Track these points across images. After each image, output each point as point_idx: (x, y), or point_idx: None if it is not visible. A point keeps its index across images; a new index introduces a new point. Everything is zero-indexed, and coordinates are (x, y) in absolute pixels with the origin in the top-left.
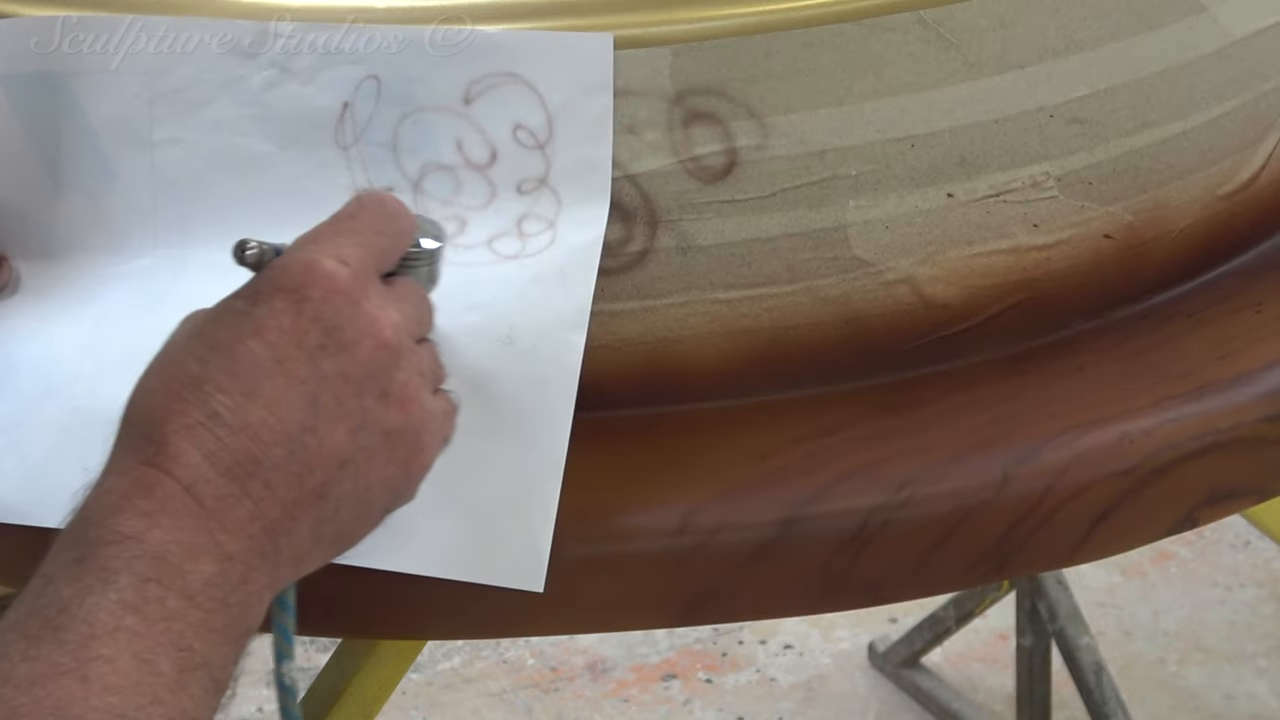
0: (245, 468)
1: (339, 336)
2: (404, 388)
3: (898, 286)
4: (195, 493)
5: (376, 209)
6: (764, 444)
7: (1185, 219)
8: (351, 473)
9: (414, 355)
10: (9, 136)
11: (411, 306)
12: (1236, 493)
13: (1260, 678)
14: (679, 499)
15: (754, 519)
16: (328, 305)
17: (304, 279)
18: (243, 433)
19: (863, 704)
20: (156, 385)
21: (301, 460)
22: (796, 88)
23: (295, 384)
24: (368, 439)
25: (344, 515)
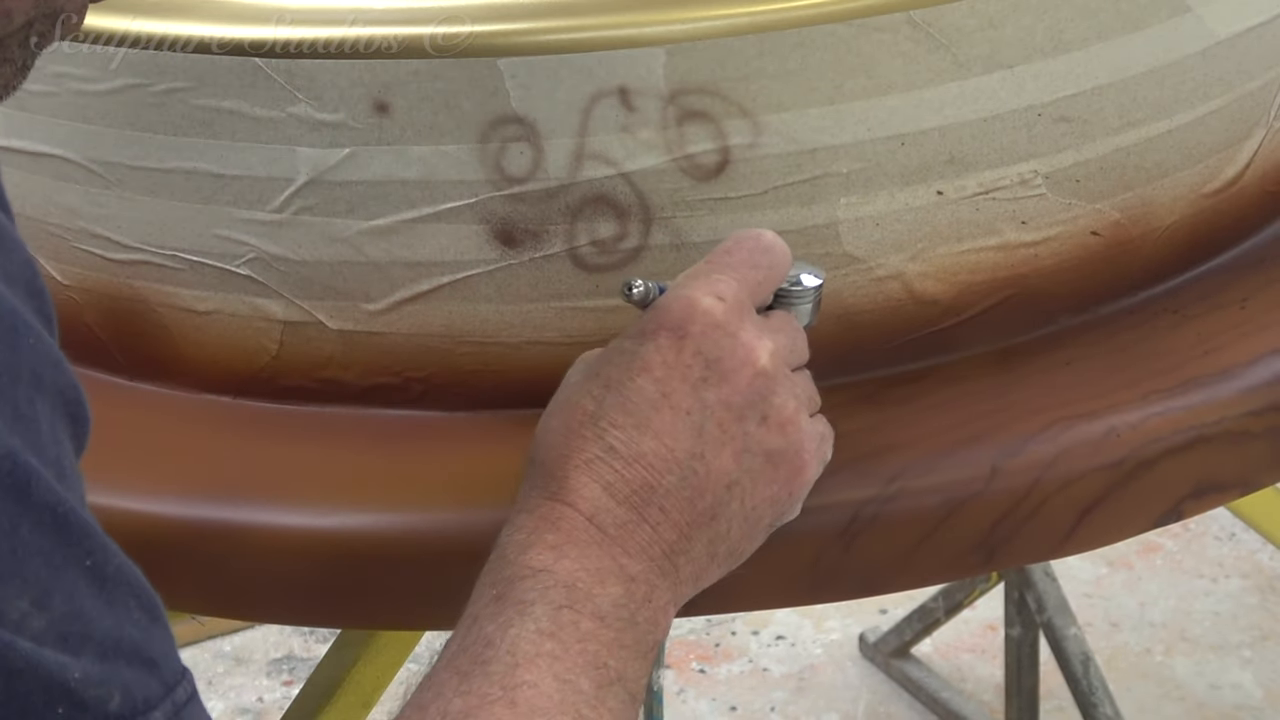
0: (641, 495)
1: (719, 368)
2: (781, 411)
3: (888, 283)
4: (597, 522)
5: (752, 244)
6: None
7: (1171, 216)
8: (739, 493)
9: (789, 381)
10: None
11: (785, 337)
12: (1222, 486)
13: (1245, 668)
14: None
15: None
16: (707, 339)
17: (684, 316)
18: (637, 463)
19: (854, 694)
20: (557, 424)
21: (692, 485)
22: (788, 87)
23: (682, 415)
24: (751, 461)
25: (735, 533)
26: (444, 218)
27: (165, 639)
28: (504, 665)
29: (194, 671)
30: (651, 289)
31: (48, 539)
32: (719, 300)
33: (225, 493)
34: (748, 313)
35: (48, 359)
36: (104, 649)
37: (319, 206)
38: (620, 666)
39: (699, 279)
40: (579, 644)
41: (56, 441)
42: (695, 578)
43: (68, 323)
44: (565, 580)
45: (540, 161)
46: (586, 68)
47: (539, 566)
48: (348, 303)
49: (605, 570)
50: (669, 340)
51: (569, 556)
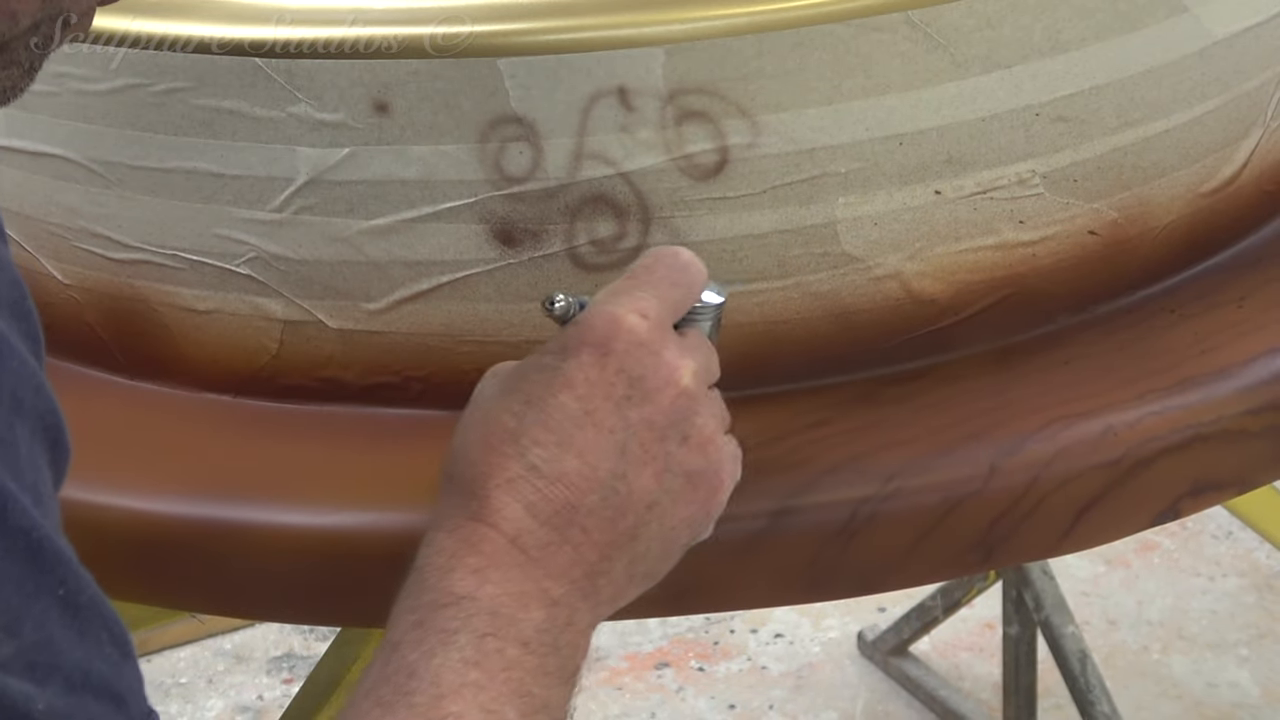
0: (564, 515)
1: (643, 386)
2: (702, 431)
3: (886, 282)
4: (520, 543)
5: (671, 261)
6: (754, 436)
7: (1169, 216)
8: (659, 514)
9: (709, 401)
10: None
11: (703, 355)
12: (1219, 484)
13: (1242, 666)
14: None
15: (745, 510)
16: (630, 357)
17: (608, 333)
18: (559, 482)
19: (852, 692)
20: (475, 439)
21: (614, 505)
22: (787, 87)
23: (605, 433)
24: (672, 481)
25: (653, 553)
26: (443, 217)
27: (134, 676)
28: (428, 696)
29: (194, 669)
30: (573, 304)
31: (20, 565)
32: (643, 318)
33: (225, 491)
34: (669, 331)
35: (29, 383)
36: (72, 681)
37: (319, 206)
38: (545, 694)
39: (622, 296)
40: (504, 673)
41: (35, 467)
42: (614, 598)
43: (69, 322)
44: (488, 607)
45: (540, 161)
46: (586, 68)
47: (461, 593)
48: (348, 302)
49: (528, 594)
50: (592, 357)
51: (491, 581)
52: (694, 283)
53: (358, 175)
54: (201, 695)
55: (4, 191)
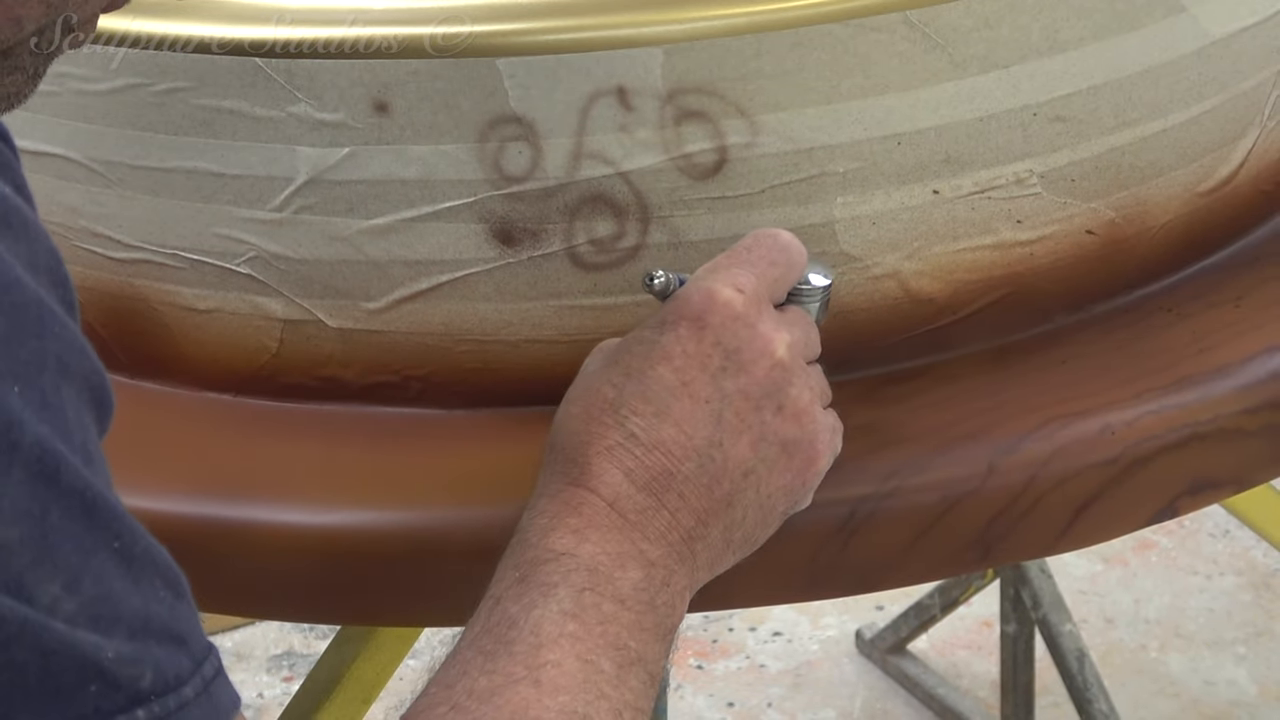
0: (661, 482)
1: (738, 358)
2: (797, 402)
3: (884, 281)
4: (618, 507)
5: (771, 242)
6: None
7: (1166, 215)
8: (754, 481)
9: (805, 374)
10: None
11: (801, 330)
12: (1216, 483)
13: (1239, 664)
14: None
15: None
16: (726, 330)
17: (704, 307)
18: (657, 450)
19: (850, 690)
20: (578, 411)
21: (710, 472)
22: (785, 86)
23: (701, 403)
24: (767, 450)
25: (750, 520)
26: (443, 217)
27: (191, 615)
28: (528, 645)
29: None
30: (672, 280)
31: (77, 524)
32: (738, 292)
33: (226, 490)
34: (765, 306)
35: (73, 346)
36: (134, 628)
37: (319, 205)
38: (640, 648)
39: (719, 272)
40: (600, 626)
41: (82, 426)
42: (711, 564)
43: None
44: (587, 564)
45: (539, 161)
46: (585, 68)
47: (561, 550)
48: (347, 301)
49: (626, 555)
50: (689, 330)
51: (590, 540)
52: (793, 262)
53: (357, 175)
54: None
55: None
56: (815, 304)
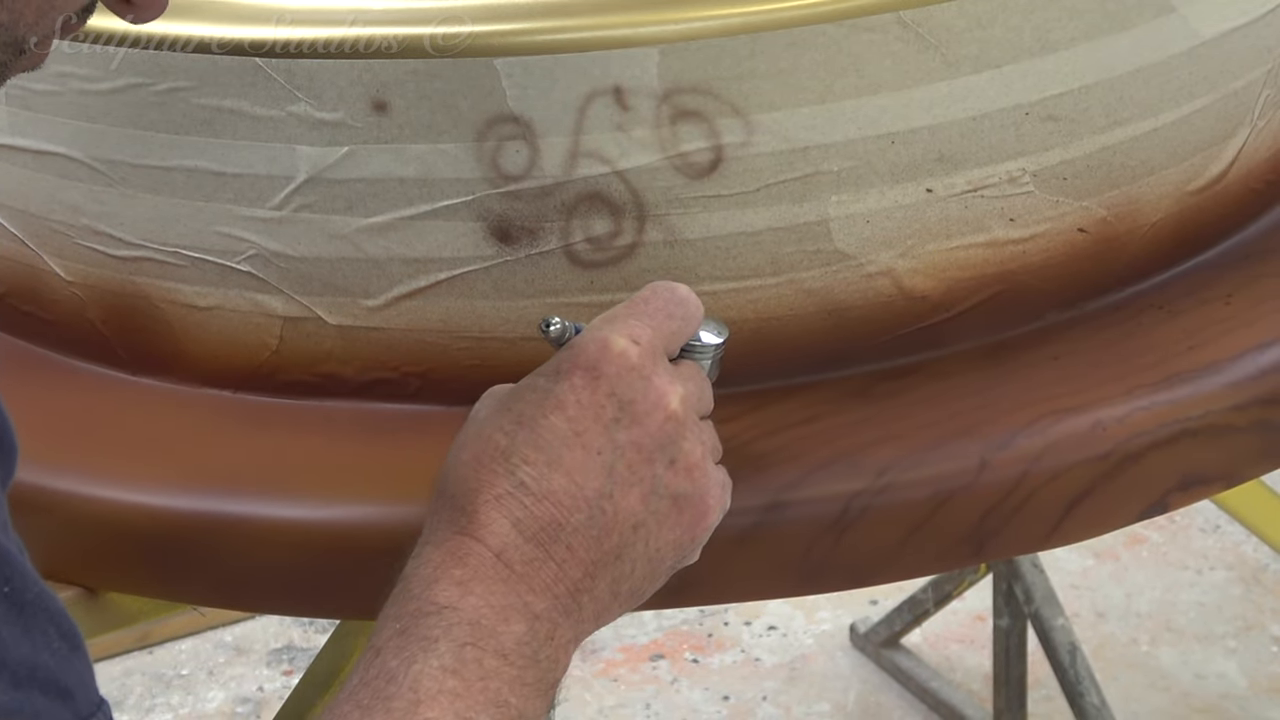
0: (549, 532)
1: (632, 410)
2: (690, 456)
3: (878, 279)
4: (505, 558)
5: (669, 295)
6: (748, 431)
7: (1157, 213)
8: (644, 535)
9: (698, 428)
10: None
11: (695, 385)
12: (1206, 478)
13: (1229, 658)
14: None
15: (739, 504)
16: (621, 381)
17: (599, 356)
18: (547, 500)
19: (844, 683)
20: (468, 458)
21: (600, 524)
22: (780, 86)
23: (593, 454)
24: (658, 503)
25: (638, 573)
26: (441, 215)
27: (84, 668)
28: (406, 701)
29: (195, 661)
30: (568, 328)
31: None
32: (634, 343)
33: (226, 486)
34: (661, 359)
35: None
36: (18, 676)
37: (318, 204)
38: (521, 704)
39: (616, 322)
40: (481, 682)
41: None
42: (597, 616)
43: (71, 318)
44: (470, 617)
45: (536, 160)
46: (581, 67)
47: (444, 603)
48: (347, 299)
49: (510, 607)
50: (584, 379)
51: (474, 593)
52: (690, 316)
53: (356, 173)
54: (202, 687)
55: (8, 189)
56: (708, 360)
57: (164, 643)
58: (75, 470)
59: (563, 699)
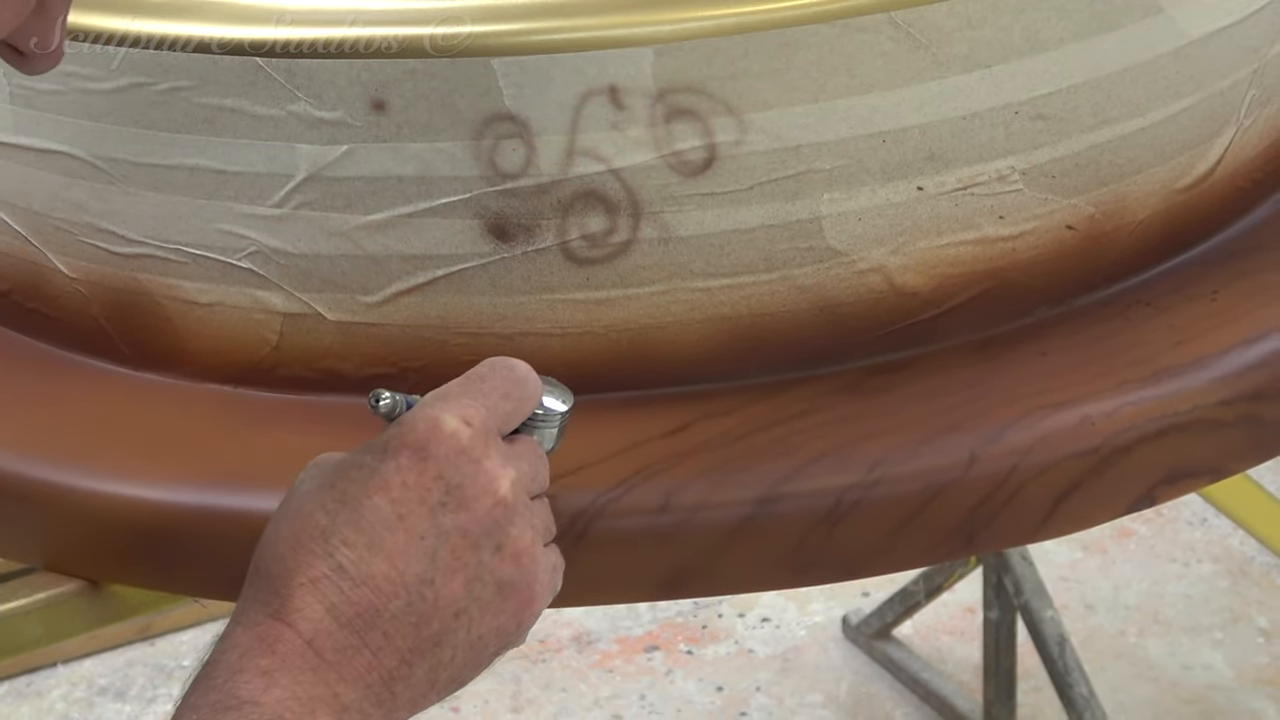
0: (365, 619)
1: (459, 493)
2: (518, 542)
3: (870, 275)
4: (316, 646)
5: (506, 373)
6: (742, 426)
7: (1145, 211)
8: (465, 622)
9: (528, 511)
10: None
11: (529, 465)
12: (1194, 472)
13: (1216, 649)
14: (661, 478)
15: (732, 497)
16: (449, 463)
17: (428, 437)
18: (365, 585)
19: (836, 674)
20: (286, 534)
21: (419, 611)
22: (773, 85)
23: (416, 539)
24: (482, 590)
25: (458, 660)
26: (439, 212)
27: None
28: None
29: (197, 652)
30: (399, 403)
31: None
32: (465, 425)
33: (227, 479)
34: (493, 440)
35: None
36: None
37: (318, 202)
38: None
39: (449, 400)
40: None
41: None
42: (413, 703)
43: (74, 315)
44: (272, 713)
45: (532, 158)
46: (577, 67)
47: (246, 697)
48: (346, 295)
49: (317, 699)
50: (410, 460)
51: (280, 685)
52: (527, 396)
53: (356, 172)
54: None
55: (12, 187)
56: (553, 430)
57: (165, 634)
58: (78, 464)
59: (560, 690)
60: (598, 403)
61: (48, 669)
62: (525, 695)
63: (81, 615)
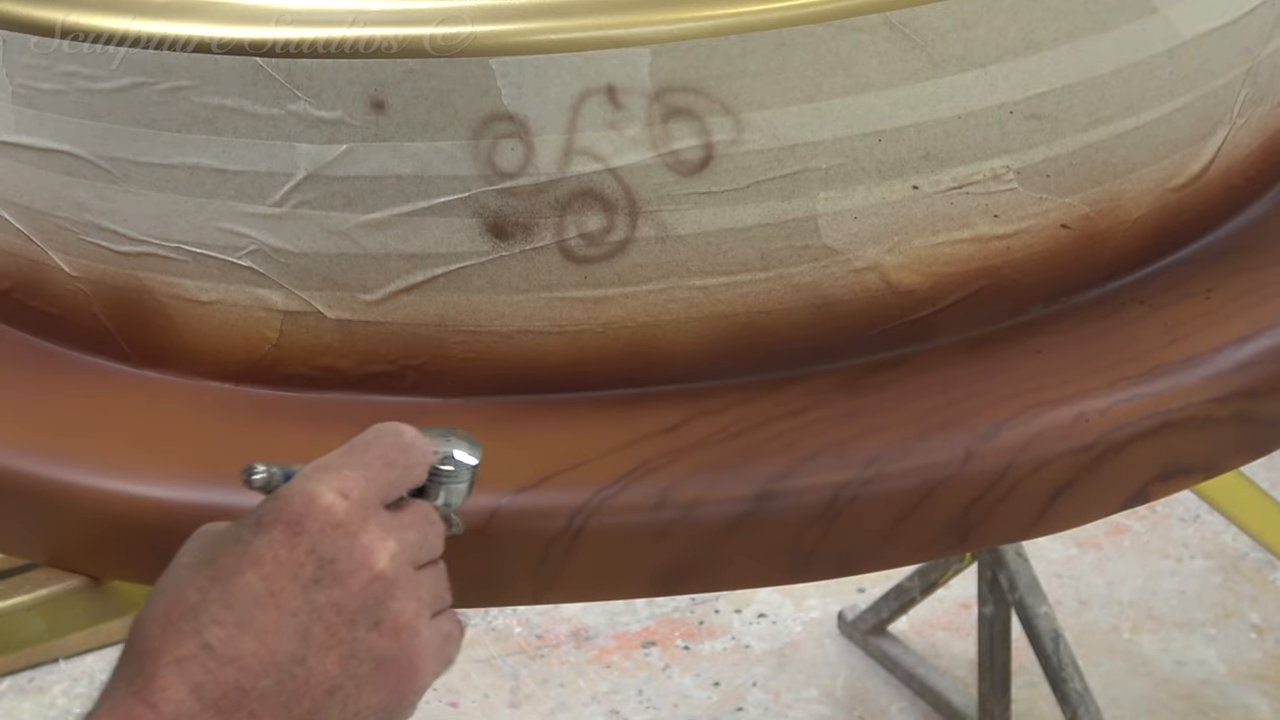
0: (232, 698)
1: (333, 569)
2: (398, 617)
3: (866, 274)
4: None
5: (391, 441)
6: (738, 423)
7: (1138, 210)
8: (340, 699)
9: (411, 583)
10: None
11: (416, 533)
12: (1187, 469)
13: (1209, 645)
14: (658, 475)
15: (729, 494)
16: (324, 538)
17: (302, 511)
18: (233, 664)
19: (832, 670)
20: (159, 612)
21: (289, 690)
22: (769, 85)
23: (288, 616)
24: (358, 667)
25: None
26: (438, 211)
27: None
28: None
29: None
30: (276, 475)
31: None
32: (342, 498)
33: (227, 476)
34: (373, 512)
35: None
36: None
37: (318, 200)
38: None
39: (327, 472)
40: None
41: None
42: None
43: (76, 313)
44: None
45: (530, 157)
46: (575, 67)
47: None
48: (345, 293)
49: None
50: (283, 535)
51: None
52: (414, 463)
53: (355, 171)
54: None
55: (14, 186)
56: (462, 485)
57: None
58: (79, 460)
59: (558, 685)
60: (595, 400)
61: (49, 665)
62: (523, 690)
63: (83, 611)
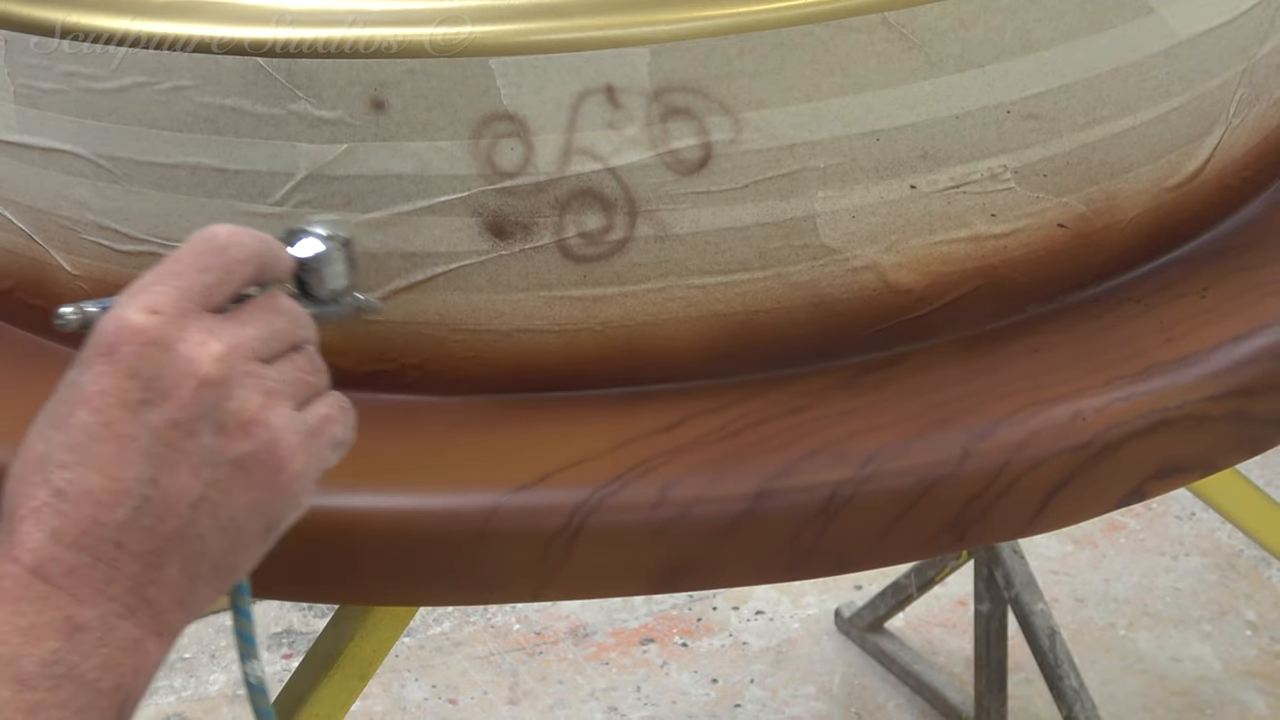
0: (91, 534)
1: (159, 385)
2: (240, 414)
3: (863, 273)
4: (42, 573)
5: (202, 246)
6: (736, 422)
7: (1135, 209)
8: (208, 509)
9: (251, 378)
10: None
11: (257, 327)
12: (1183, 467)
13: (1205, 642)
14: (656, 473)
15: (728, 492)
16: (141, 358)
17: (115, 337)
18: (83, 502)
19: (830, 666)
20: (15, 471)
21: (148, 512)
22: (768, 85)
23: (127, 442)
24: (215, 473)
25: (215, 547)
26: (438, 211)
27: None
28: None
29: (198, 645)
30: (88, 313)
31: None
32: (152, 314)
33: None
34: (192, 321)
35: None
36: None
37: (318, 200)
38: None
39: (135, 294)
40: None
41: None
42: (180, 602)
43: None
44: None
45: (530, 157)
46: (574, 67)
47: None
48: None
49: (42, 626)
50: (104, 366)
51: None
52: (232, 263)
53: (355, 170)
54: (204, 670)
55: (16, 186)
56: (337, 265)
57: None
58: None
59: (556, 682)
60: (594, 399)
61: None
62: (522, 687)
63: None
